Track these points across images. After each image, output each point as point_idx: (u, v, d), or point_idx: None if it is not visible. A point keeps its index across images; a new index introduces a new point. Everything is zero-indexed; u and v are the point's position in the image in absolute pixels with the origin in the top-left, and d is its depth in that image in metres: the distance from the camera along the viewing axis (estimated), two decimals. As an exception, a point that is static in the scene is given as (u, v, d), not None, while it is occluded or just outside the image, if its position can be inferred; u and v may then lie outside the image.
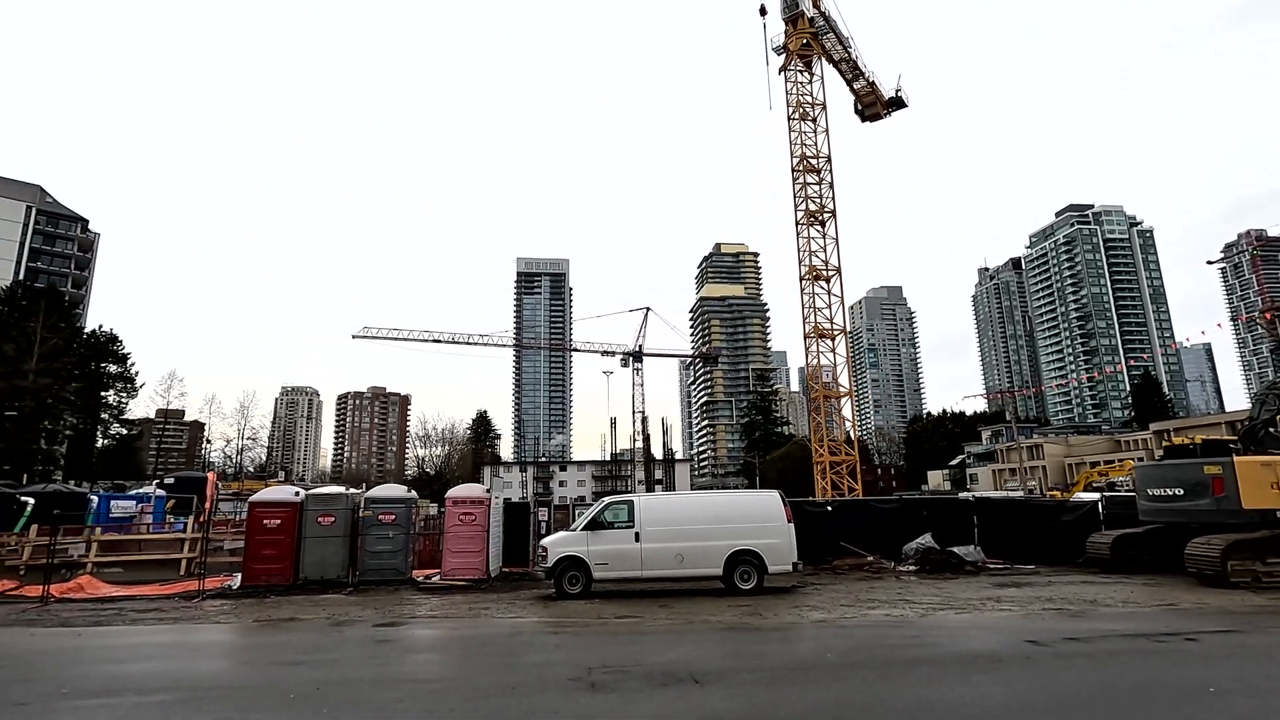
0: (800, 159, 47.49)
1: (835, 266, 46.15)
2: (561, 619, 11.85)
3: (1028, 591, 13.98)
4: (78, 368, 67.71)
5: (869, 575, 17.34)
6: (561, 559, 13.86)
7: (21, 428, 61.38)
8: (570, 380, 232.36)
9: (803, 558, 18.45)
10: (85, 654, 9.52)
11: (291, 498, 16.33)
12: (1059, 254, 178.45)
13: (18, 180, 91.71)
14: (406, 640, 10.04)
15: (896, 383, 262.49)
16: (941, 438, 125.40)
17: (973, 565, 17.88)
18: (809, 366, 45.95)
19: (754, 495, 15.17)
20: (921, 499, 22.10)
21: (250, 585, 15.75)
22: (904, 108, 54.32)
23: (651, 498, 14.66)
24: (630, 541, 13.88)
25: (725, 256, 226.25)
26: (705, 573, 13.89)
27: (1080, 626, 10.48)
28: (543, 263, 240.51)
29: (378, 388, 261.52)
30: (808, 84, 49.06)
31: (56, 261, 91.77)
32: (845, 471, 43.64)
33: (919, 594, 13.82)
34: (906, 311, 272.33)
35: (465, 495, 17.07)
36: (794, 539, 14.06)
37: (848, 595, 13.76)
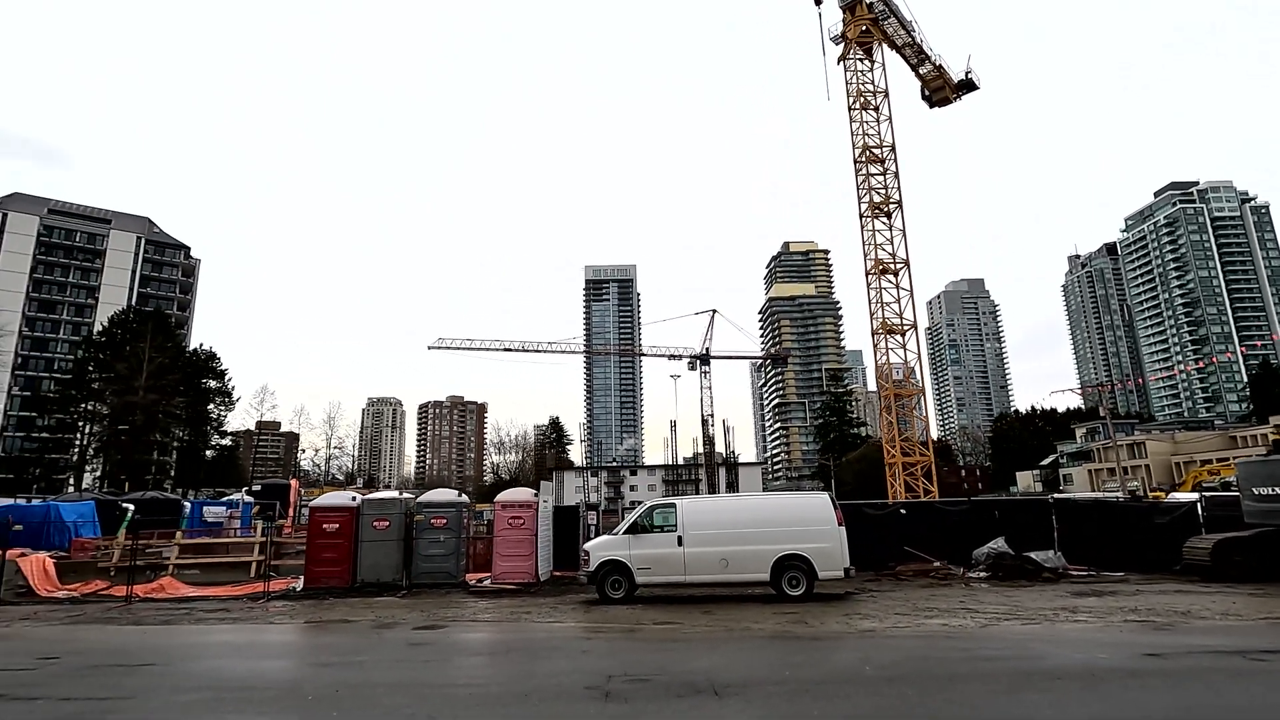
0: (863, 149, 45.86)
1: (903, 259, 44.25)
2: (599, 624, 11.64)
3: (1110, 601, 12.75)
4: (182, 384, 73.09)
5: (934, 582, 16.32)
6: (604, 563, 13.67)
7: (134, 440, 66.83)
8: (640, 385, 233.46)
9: (863, 563, 17.68)
10: (139, 652, 10.00)
11: (349, 502, 16.86)
12: (1159, 236, 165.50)
13: (130, 214, 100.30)
14: (439, 644, 10.07)
15: (981, 379, 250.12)
16: (1031, 436, 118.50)
17: (1051, 572, 16.54)
18: (878, 364, 44.19)
19: (802, 497, 14.53)
20: (994, 500, 20.68)
21: (311, 587, 16.34)
22: (975, 90, 51.73)
23: (695, 500, 14.27)
24: (673, 546, 13.54)
25: (794, 255, 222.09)
26: (751, 578, 13.38)
27: (1165, 641, 9.41)
28: (610, 270, 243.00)
29: (456, 397, 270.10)
30: (868, 71, 47.37)
31: (163, 286, 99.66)
32: (920, 473, 41.63)
33: (984, 603, 12.84)
34: (989, 305, 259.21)
35: (513, 499, 17.16)
36: (845, 543, 13.34)
37: (905, 603, 12.94)
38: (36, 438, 76.60)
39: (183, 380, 72.30)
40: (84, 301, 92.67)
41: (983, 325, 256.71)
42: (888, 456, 42.31)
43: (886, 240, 44.70)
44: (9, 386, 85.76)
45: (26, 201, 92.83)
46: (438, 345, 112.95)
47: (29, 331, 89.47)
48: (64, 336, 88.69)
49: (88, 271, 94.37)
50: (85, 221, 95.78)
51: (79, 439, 72.05)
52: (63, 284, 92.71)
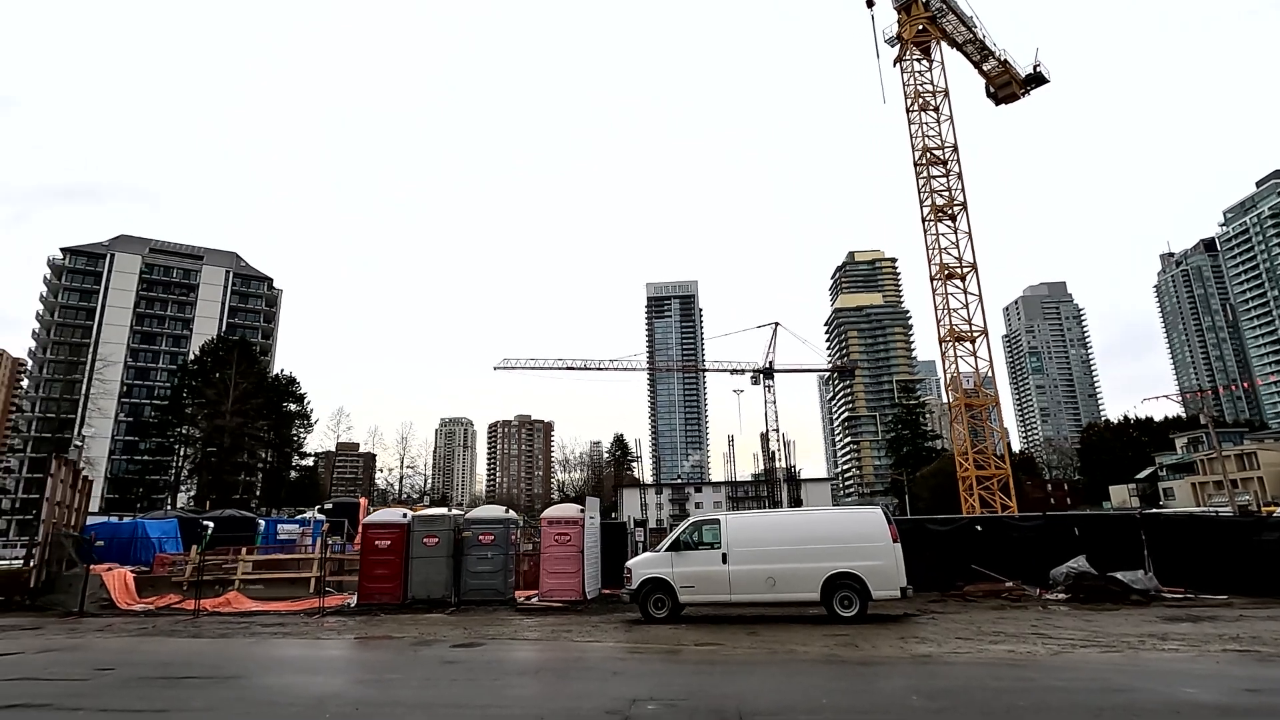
0: (923, 151, 44.33)
1: (970, 263, 42.31)
2: (638, 645, 11.25)
3: (1206, 628, 11.43)
4: (265, 408, 77.18)
5: (1006, 604, 15.13)
6: (646, 581, 13.28)
7: (222, 461, 70.91)
8: (705, 400, 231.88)
9: (927, 583, 16.64)
10: (185, 666, 10.26)
11: (399, 519, 17.11)
12: (1264, 229, 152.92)
13: (219, 249, 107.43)
14: (471, 663, 9.92)
15: (1066, 388, 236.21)
16: (1124, 448, 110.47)
17: (1140, 594, 15.07)
18: (945, 373, 42.20)
19: (854, 512, 13.74)
20: (1073, 515, 19.13)
21: (365, 603, 16.60)
22: (1044, 83, 49.41)
23: (740, 516, 13.72)
24: (717, 563, 13.02)
25: (860, 264, 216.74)
26: (800, 598, 12.70)
27: (1270, 675, 8.29)
28: (671, 286, 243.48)
29: (523, 416, 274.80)
30: (926, 71, 45.92)
31: (249, 316, 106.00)
32: (996, 487, 39.33)
33: (1060, 627, 11.74)
34: (1073, 309, 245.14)
35: (559, 515, 17.02)
36: (901, 561, 12.50)
37: (969, 626, 11.97)
38: (138, 460, 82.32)
39: (265, 404, 76.29)
40: (180, 333, 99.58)
41: (1066, 331, 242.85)
42: (960, 470, 40.18)
43: (951, 244, 42.94)
44: (115, 413, 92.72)
45: (130, 242, 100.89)
46: (503, 366, 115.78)
47: (132, 362, 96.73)
48: (163, 366, 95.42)
49: (183, 305, 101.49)
50: (181, 258, 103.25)
51: (175, 461, 77.11)
52: (161, 317, 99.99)
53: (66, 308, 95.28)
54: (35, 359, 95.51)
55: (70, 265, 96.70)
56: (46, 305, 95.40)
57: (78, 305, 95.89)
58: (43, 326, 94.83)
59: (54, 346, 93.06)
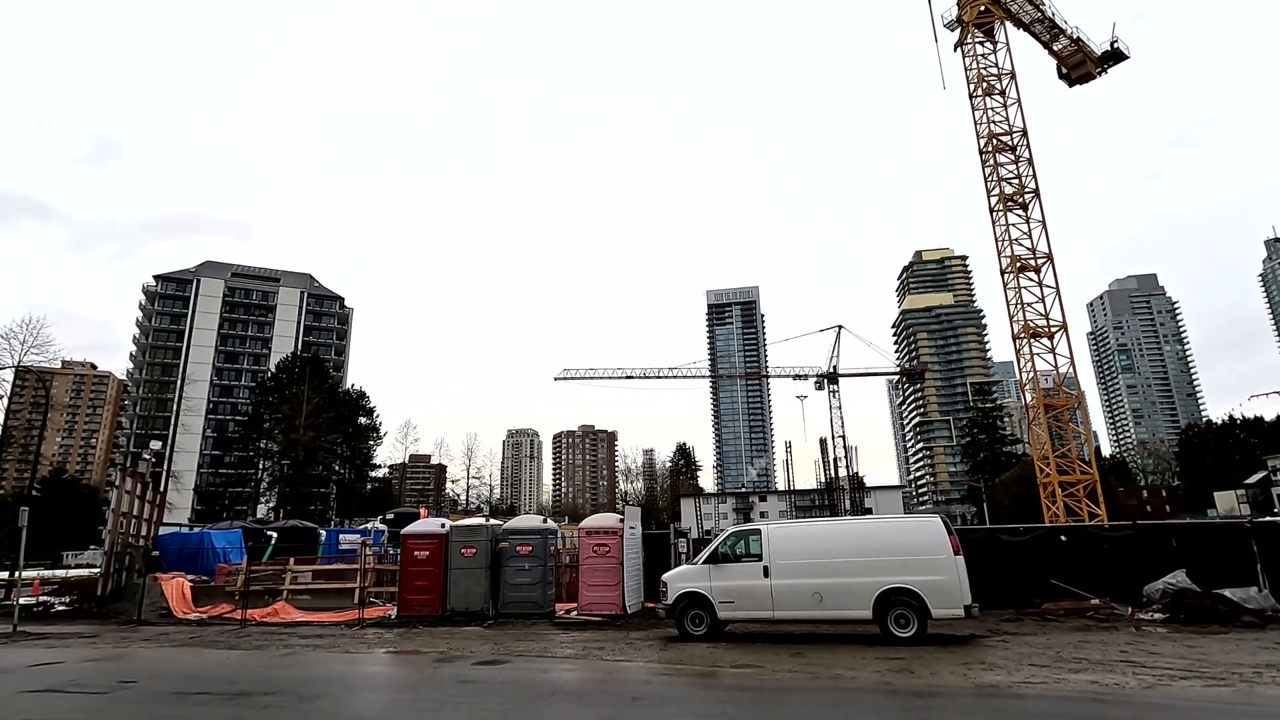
0: (988, 138, 41.86)
1: (1045, 253, 39.53)
2: (670, 665, 10.43)
3: (1340, 657, 9.71)
4: (337, 421, 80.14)
5: (1091, 624, 13.51)
6: (682, 596, 12.44)
7: (297, 474, 73.91)
8: (769, 407, 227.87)
9: (1000, 600, 15.16)
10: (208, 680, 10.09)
11: (438, 529, 16.85)
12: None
13: (294, 271, 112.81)
14: (487, 682, 9.34)
15: (1161, 387, 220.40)
16: (1231, 450, 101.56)
17: (1255, 615, 13.17)
18: (1021, 372, 39.48)
19: (910, 522, 12.50)
20: (1170, 523, 17.12)
21: (404, 615, 16.40)
22: (1123, 60, 46.01)
23: (783, 526, 12.69)
24: (758, 577, 12.06)
25: (928, 264, 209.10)
26: (850, 615, 11.58)
27: None
28: (732, 293, 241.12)
29: (587, 426, 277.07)
30: (990, 54, 43.44)
31: (323, 335, 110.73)
32: (1083, 494, 36.36)
33: (1156, 653, 10.22)
34: (1165, 302, 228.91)
35: (598, 525, 16.38)
36: (964, 575, 11.20)
37: (1047, 651, 10.59)
38: (222, 474, 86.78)
39: (337, 418, 79.17)
40: (260, 351, 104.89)
41: (1159, 326, 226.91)
42: (1041, 476, 37.40)
43: (1023, 234, 40.23)
44: (203, 429, 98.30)
45: (215, 268, 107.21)
46: (564, 376, 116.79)
47: (217, 380, 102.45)
48: (244, 384, 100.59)
49: (262, 325, 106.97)
50: (259, 281, 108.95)
51: (255, 474, 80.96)
52: (242, 337, 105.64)
53: (159, 331, 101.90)
54: (132, 379, 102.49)
55: (161, 291, 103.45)
56: (141, 329, 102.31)
57: (168, 329, 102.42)
58: (139, 349, 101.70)
59: (148, 368, 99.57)
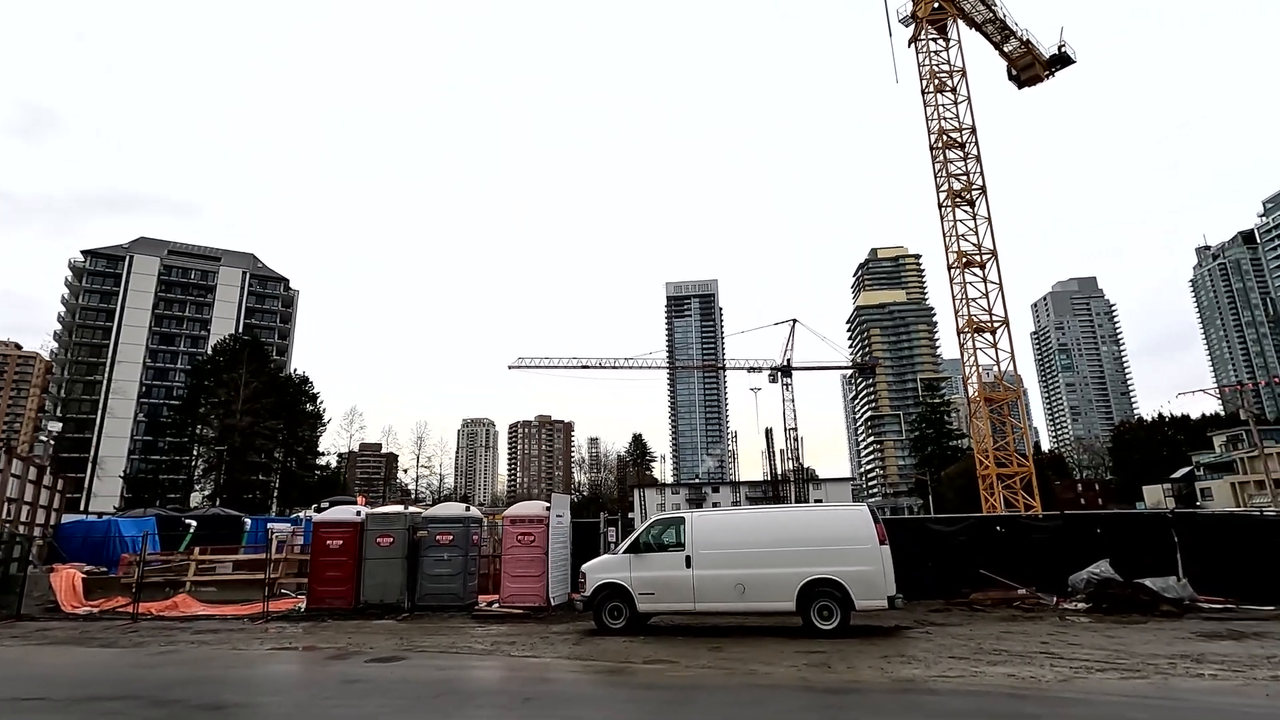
0: (939, 134, 42.23)
1: (990, 249, 40.15)
2: (578, 661, 9.80)
3: (1252, 647, 9.64)
4: (278, 408, 77.06)
5: (1017, 614, 13.40)
6: (601, 587, 11.81)
7: (234, 461, 70.86)
8: (726, 400, 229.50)
9: (932, 589, 15.01)
10: (45, 684, 9.05)
11: (353, 518, 15.87)
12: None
13: (236, 251, 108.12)
14: (375, 681, 8.55)
15: (1098, 386, 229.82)
16: (1159, 446, 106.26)
17: (1173, 604, 13.23)
18: (964, 366, 40.08)
19: (835, 511, 12.14)
20: (1096, 514, 17.26)
21: (314, 608, 15.40)
22: (1070, 64, 47.05)
23: (707, 514, 12.16)
24: (680, 567, 11.51)
25: (883, 261, 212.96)
26: (772, 607, 11.13)
27: (1337, 712, 6.60)
28: (691, 285, 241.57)
29: (544, 416, 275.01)
30: (943, 51, 43.81)
31: (266, 317, 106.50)
32: (1019, 486, 37.13)
33: (1075, 644, 10.03)
34: (1103, 305, 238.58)
35: (523, 514, 15.63)
36: (889, 565, 10.87)
37: (969, 643, 10.32)
38: (153, 460, 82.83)
39: (277, 404, 76.17)
40: (198, 333, 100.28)
41: (1097, 327, 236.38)
42: (980, 469, 38.10)
43: (970, 230, 40.79)
44: (134, 414, 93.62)
45: (149, 244, 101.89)
46: (518, 365, 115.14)
47: (151, 362, 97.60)
48: (180, 366, 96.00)
49: (201, 306, 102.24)
50: (198, 260, 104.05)
51: (190, 460, 77.35)
52: (179, 318, 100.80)
53: (87, 310, 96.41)
54: (56, 360, 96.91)
55: (90, 268, 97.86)
56: (68, 307, 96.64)
57: (98, 307, 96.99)
58: (64, 329, 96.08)
59: (75, 349, 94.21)
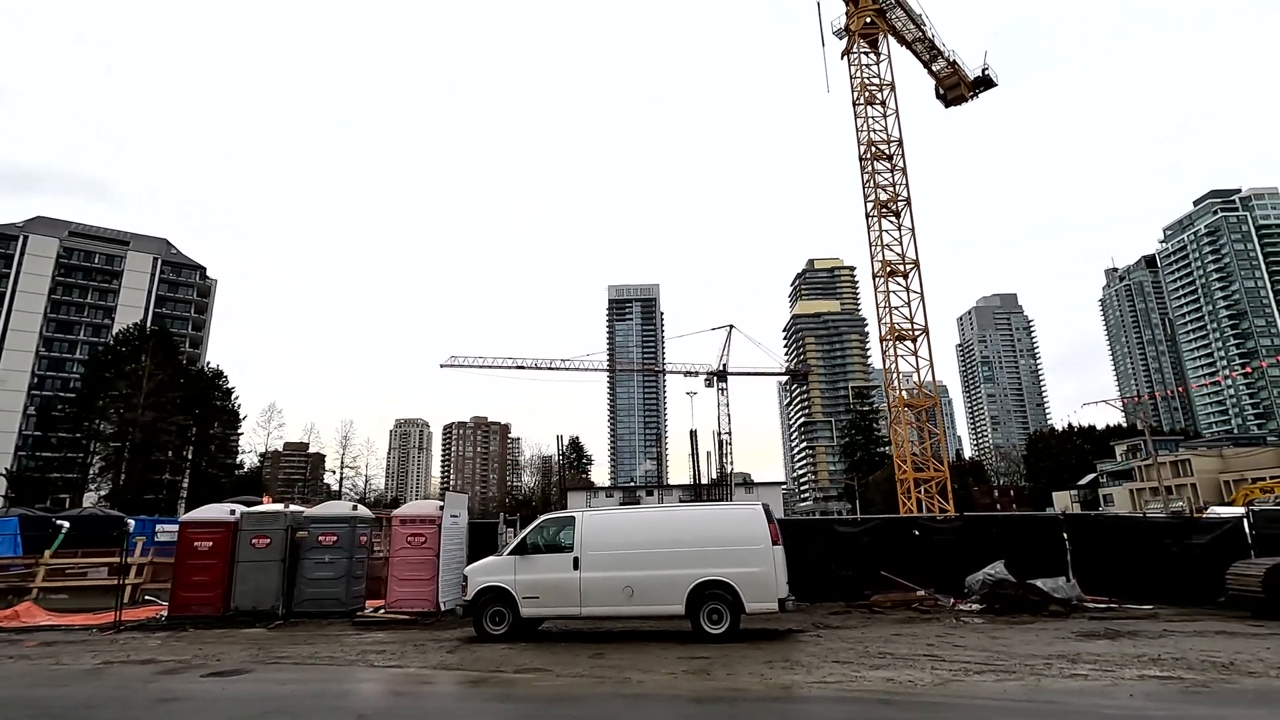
0: (868, 145, 43.16)
1: (913, 259, 41.20)
2: (442, 671, 9.03)
3: (1126, 646, 9.72)
4: (187, 403, 72.39)
5: (915, 616, 13.35)
6: (484, 591, 11.04)
7: (135, 459, 66.03)
8: (665, 404, 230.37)
9: (835, 591, 14.86)
10: None
11: (226, 517, 14.58)
12: (1201, 246, 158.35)
13: (148, 235, 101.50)
14: (198, 700, 7.59)
15: (1016, 397, 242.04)
16: (1069, 455, 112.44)
17: (1061, 604, 13.45)
18: (885, 372, 41.02)
19: (728, 510, 11.75)
20: (993, 516, 17.57)
21: (178, 616, 14.05)
22: (992, 87, 49.10)
23: (598, 514, 11.57)
24: (567, 570, 10.87)
25: (819, 272, 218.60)
26: (661, 610, 10.62)
27: (1199, 714, 6.52)
28: (633, 289, 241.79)
29: (479, 417, 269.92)
30: (874, 65, 44.85)
31: (179, 306, 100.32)
32: (935, 490, 38.15)
33: (961, 646, 9.91)
34: (1022, 320, 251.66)
35: (414, 514, 14.69)
36: (781, 567, 10.52)
37: (856, 646, 10.07)
38: (43, 457, 76.59)
39: (187, 398, 71.70)
40: (101, 321, 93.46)
41: (1016, 341, 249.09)
42: (899, 473, 38.92)
43: (894, 240, 41.79)
44: (24, 406, 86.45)
45: (47, 225, 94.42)
46: (450, 363, 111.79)
47: (46, 352, 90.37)
48: (79, 356, 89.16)
49: (105, 292, 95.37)
50: (104, 244, 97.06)
51: (85, 458, 71.71)
52: (80, 305, 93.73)
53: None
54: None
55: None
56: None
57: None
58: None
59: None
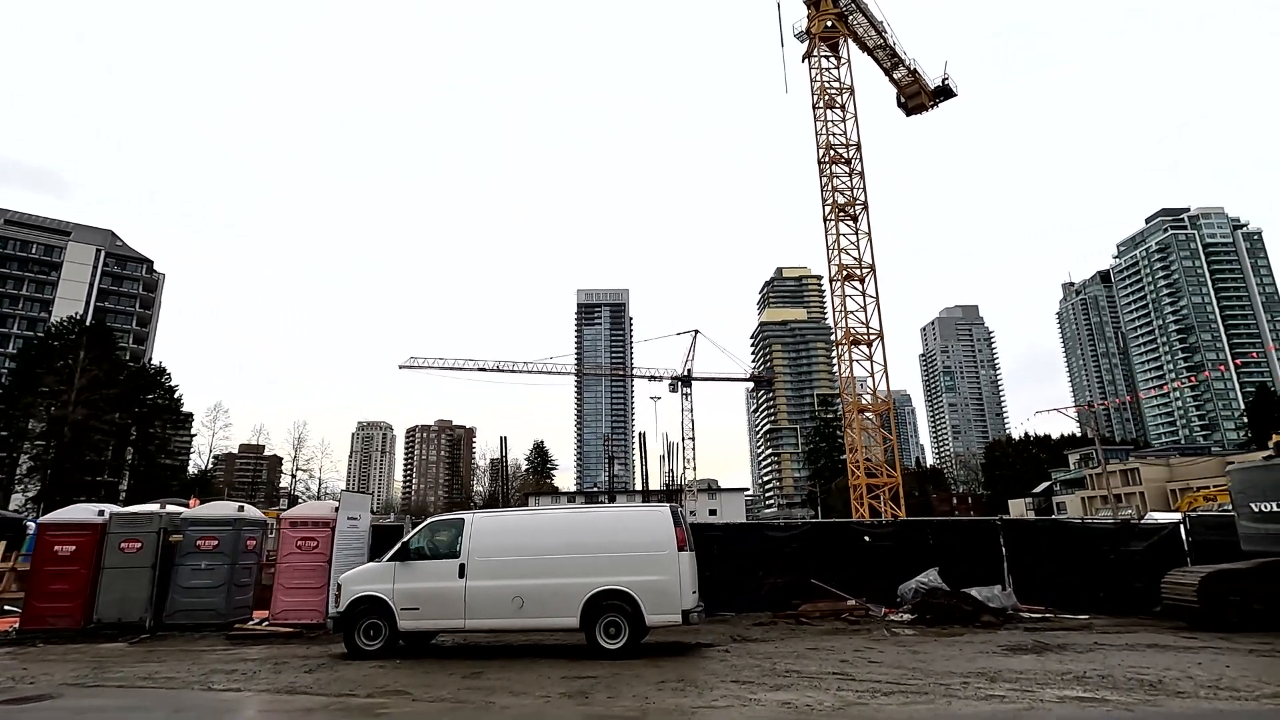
0: (826, 149, 42.93)
1: (869, 264, 40.99)
2: (283, 696, 7.85)
3: (1050, 662, 8.95)
4: (124, 400, 68.99)
5: (843, 627, 12.52)
6: (358, 602, 9.86)
7: (66, 459, 62.59)
8: (632, 409, 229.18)
9: (764, 601, 13.97)
10: None
11: (92, 518, 13.12)
12: (1152, 263, 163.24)
13: (92, 226, 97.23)
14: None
15: (976, 407, 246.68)
16: (1025, 463, 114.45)
17: (994, 614, 12.75)
18: (840, 377, 40.66)
19: (633, 512, 10.77)
20: (929, 520, 16.92)
21: (31, 629, 12.54)
22: (952, 97, 49.54)
23: (490, 516, 10.48)
24: (452, 578, 9.76)
25: (787, 280, 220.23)
26: (553, 623, 9.60)
27: (1113, 743, 5.72)
28: (603, 294, 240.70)
29: (444, 421, 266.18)
30: (834, 69, 44.71)
31: (123, 301, 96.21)
32: (887, 495, 37.78)
33: (875, 663, 9.05)
34: (984, 331, 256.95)
35: (305, 515, 13.41)
36: (689, 574, 9.56)
37: (765, 663, 9.14)
38: (-37, 455, 72.27)
39: (124, 396, 68.38)
40: (36, 315, 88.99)
41: (977, 352, 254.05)
42: (852, 478, 38.52)
43: (852, 244, 41.58)
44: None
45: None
46: (409, 364, 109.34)
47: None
48: (11, 351, 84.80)
49: (42, 284, 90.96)
50: (43, 233, 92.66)
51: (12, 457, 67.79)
52: (14, 296, 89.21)
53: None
54: None
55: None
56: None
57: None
58: None
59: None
